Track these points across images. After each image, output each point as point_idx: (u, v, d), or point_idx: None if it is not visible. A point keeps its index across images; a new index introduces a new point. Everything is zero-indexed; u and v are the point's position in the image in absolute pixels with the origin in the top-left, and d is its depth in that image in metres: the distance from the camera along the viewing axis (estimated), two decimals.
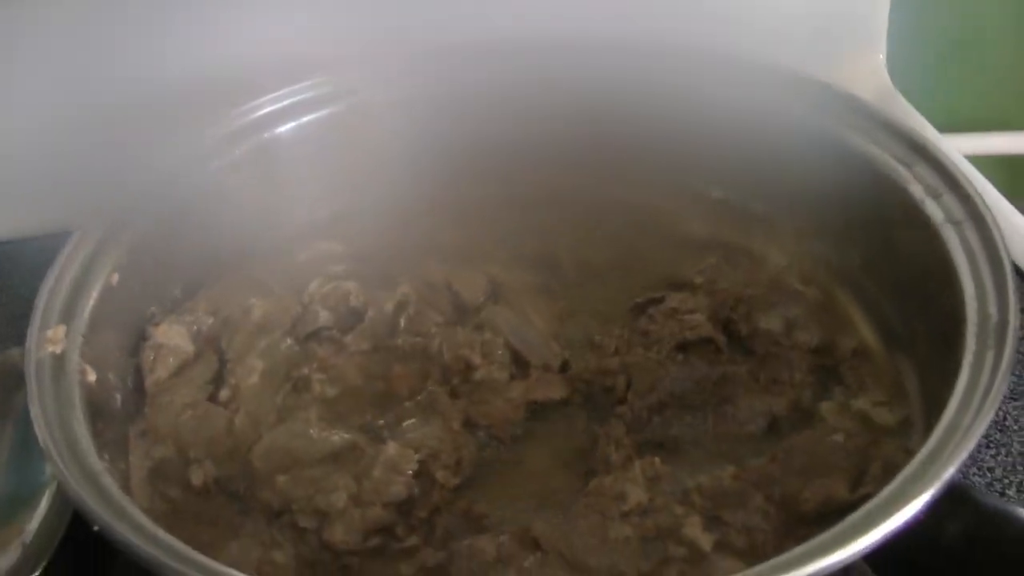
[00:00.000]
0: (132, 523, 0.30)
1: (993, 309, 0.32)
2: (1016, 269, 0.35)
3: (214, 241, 0.45)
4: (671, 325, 0.38)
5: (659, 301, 0.40)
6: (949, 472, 0.27)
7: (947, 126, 0.65)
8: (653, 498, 0.33)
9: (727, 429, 0.36)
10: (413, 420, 0.36)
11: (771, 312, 0.39)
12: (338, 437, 0.35)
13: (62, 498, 0.37)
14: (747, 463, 0.34)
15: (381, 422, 0.36)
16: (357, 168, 0.47)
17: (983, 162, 0.64)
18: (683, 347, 0.38)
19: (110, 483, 0.31)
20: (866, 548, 0.26)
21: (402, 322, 0.39)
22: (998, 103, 0.81)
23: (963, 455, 0.28)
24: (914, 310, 0.37)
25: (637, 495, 0.33)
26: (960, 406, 0.30)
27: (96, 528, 0.30)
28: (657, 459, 0.34)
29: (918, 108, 0.64)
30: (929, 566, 0.30)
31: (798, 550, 0.26)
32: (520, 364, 0.38)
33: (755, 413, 0.36)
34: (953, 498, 0.29)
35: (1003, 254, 0.34)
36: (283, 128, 0.47)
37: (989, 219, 0.35)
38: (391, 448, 0.34)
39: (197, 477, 0.36)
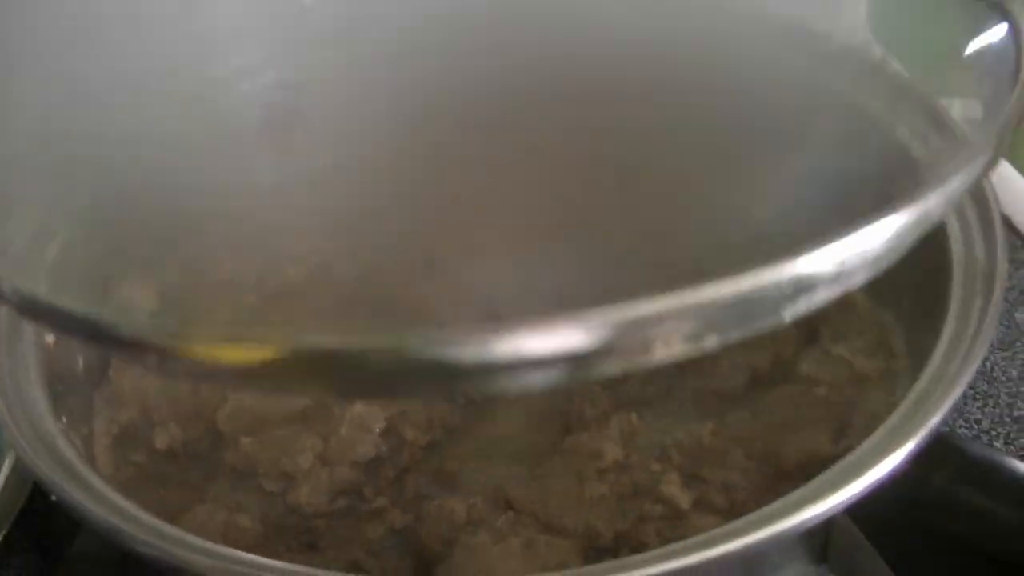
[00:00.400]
0: (91, 491, 0.29)
1: (980, 253, 0.31)
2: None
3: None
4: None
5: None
6: (934, 421, 0.26)
7: None
8: (629, 455, 0.32)
9: (706, 384, 0.35)
10: None
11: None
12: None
13: (22, 467, 0.36)
14: (727, 419, 0.33)
15: None
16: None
17: None
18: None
19: (68, 449, 0.30)
20: (846, 502, 0.25)
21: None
22: None
23: (949, 403, 0.27)
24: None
25: (613, 452, 0.32)
26: (946, 354, 0.29)
27: (54, 497, 0.29)
28: (634, 415, 0.33)
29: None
30: (914, 519, 0.29)
31: (775, 505, 0.25)
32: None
33: (735, 368, 0.35)
34: (939, 448, 0.28)
35: (990, 197, 0.33)
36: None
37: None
38: (358, 406, 0.33)
39: (162, 440, 0.35)
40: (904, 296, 0.35)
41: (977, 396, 0.40)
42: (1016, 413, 0.39)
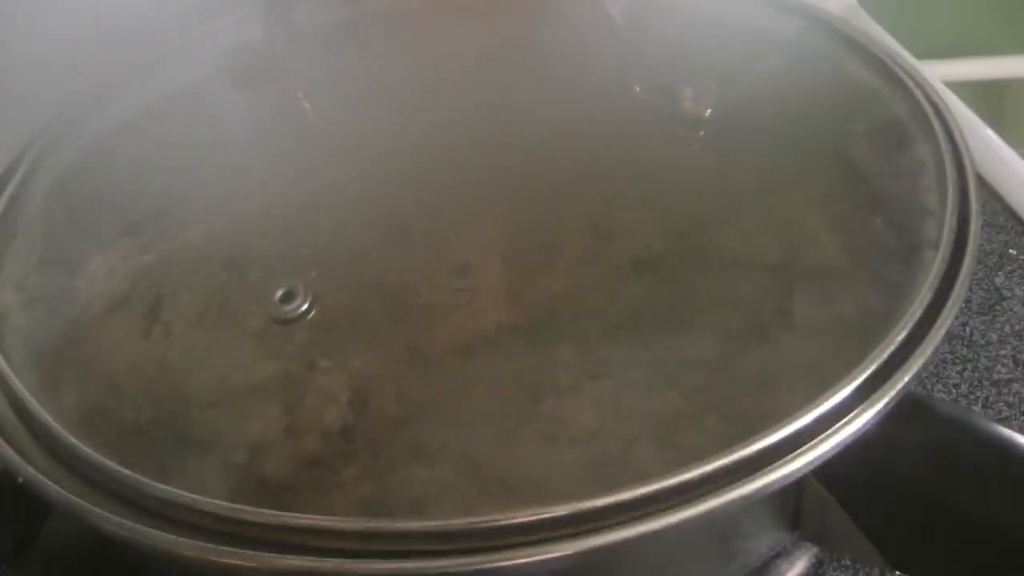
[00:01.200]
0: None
1: (954, 215, 0.31)
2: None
3: (154, 176, 0.43)
4: (623, 243, 0.37)
5: (611, 218, 0.38)
6: (903, 382, 0.26)
7: (924, 52, 0.63)
8: (602, 423, 0.31)
9: (681, 349, 0.34)
10: (351, 347, 0.34)
11: (728, 227, 0.37)
12: (272, 367, 0.33)
13: None
14: (701, 383, 0.33)
15: (318, 350, 0.35)
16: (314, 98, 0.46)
17: (964, 89, 0.63)
18: (635, 265, 0.36)
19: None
20: (812, 463, 0.25)
21: (342, 246, 0.38)
22: (977, 26, 0.80)
23: (919, 363, 0.27)
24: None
25: (585, 420, 0.31)
26: (916, 315, 0.29)
27: (20, 480, 0.29)
28: (607, 382, 0.32)
29: (892, 34, 0.62)
30: (886, 482, 0.28)
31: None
32: (465, 288, 0.36)
33: (710, 332, 0.34)
34: (910, 410, 0.28)
35: (965, 157, 0.32)
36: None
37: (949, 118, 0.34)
38: (326, 375, 0.33)
39: (130, 416, 0.34)
40: (879, 258, 0.35)
41: (956, 360, 0.40)
42: (995, 377, 0.39)
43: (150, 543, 0.28)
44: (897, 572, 0.30)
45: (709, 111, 0.40)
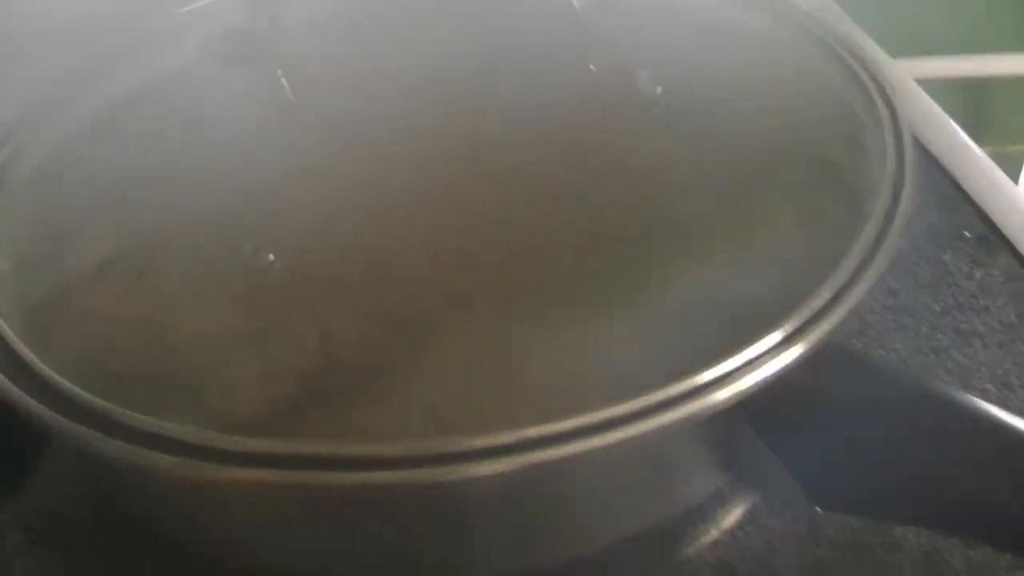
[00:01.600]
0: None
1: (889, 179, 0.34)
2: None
3: (142, 152, 0.45)
4: (584, 212, 0.39)
5: (574, 189, 0.40)
6: (824, 329, 0.28)
7: (901, 50, 0.65)
8: (554, 373, 0.33)
9: (633, 309, 0.36)
10: (325, 304, 0.36)
11: (685, 198, 0.39)
12: (250, 320, 0.36)
13: None
14: (649, 338, 0.35)
15: (293, 306, 0.37)
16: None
17: (942, 87, 0.64)
18: (595, 235, 0.38)
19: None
20: (731, 399, 0.27)
21: (322, 219, 0.40)
22: (957, 23, 0.81)
23: (841, 313, 0.29)
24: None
25: (539, 371, 0.33)
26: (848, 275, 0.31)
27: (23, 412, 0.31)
28: (562, 339, 0.34)
29: (869, 32, 0.63)
30: (813, 426, 0.30)
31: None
32: (436, 252, 0.38)
33: (661, 292, 0.36)
34: (840, 359, 0.30)
35: (903, 124, 0.35)
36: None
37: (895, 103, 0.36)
38: (299, 328, 0.35)
39: (116, 363, 0.36)
40: (822, 228, 0.37)
41: (899, 328, 0.42)
42: (934, 344, 0.41)
43: (139, 461, 0.30)
44: (819, 508, 0.32)
45: (660, 89, 0.42)
